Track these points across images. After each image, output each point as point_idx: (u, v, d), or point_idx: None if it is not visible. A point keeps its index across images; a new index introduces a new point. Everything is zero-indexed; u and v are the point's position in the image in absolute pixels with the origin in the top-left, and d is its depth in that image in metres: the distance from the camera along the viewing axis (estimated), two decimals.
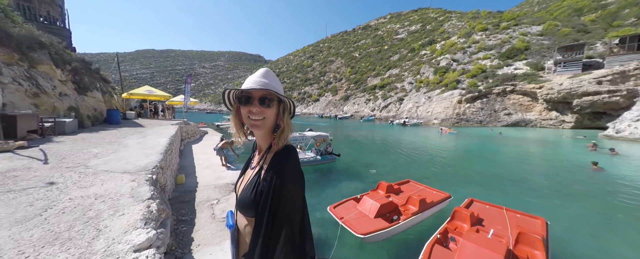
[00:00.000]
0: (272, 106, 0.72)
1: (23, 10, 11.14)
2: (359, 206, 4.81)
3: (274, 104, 0.72)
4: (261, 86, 0.69)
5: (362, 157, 13.27)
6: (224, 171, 7.73)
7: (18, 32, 7.44)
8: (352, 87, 69.61)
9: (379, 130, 27.95)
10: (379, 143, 18.17)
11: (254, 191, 0.70)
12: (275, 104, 0.73)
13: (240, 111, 0.75)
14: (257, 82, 0.69)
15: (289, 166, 0.70)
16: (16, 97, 6.51)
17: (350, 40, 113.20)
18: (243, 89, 0.70)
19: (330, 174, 10.03)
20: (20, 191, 2.67)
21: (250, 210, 0.70)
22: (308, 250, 0.69)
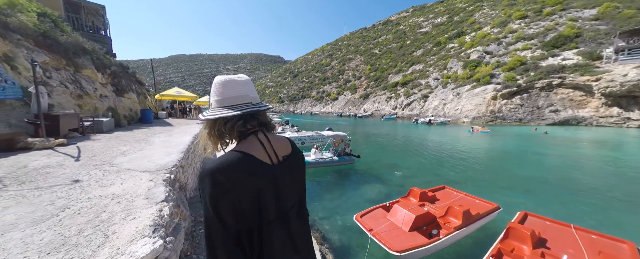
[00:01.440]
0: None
1: (72, 21, 12.46)
2: (390, 216, 4.28)
3: None
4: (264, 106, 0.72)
5: (385, 158, 12.49)
6: None
7: (66, 40, 8.33)
8: (372, 85, 67.56)
9: (402, 129, 26.50)
10: (403, 143, 17.09)
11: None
12: None
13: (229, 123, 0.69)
14: (257, 99, 0.72)
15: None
16: (63, 99, 7.25)
17: (369, 37, 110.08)
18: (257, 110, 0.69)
19: (350, 176, 9.52)
20: (46, 189, 2.69)
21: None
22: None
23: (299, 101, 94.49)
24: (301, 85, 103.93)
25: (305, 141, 15.59)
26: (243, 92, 0.67)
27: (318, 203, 7.06)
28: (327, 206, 6.92)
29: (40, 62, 7.05)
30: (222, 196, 0.57)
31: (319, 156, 10.26)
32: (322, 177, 9.37)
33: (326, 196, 7.59)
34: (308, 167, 9.58)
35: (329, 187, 8.43)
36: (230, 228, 0.58)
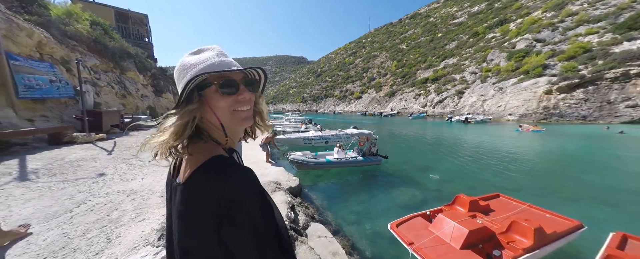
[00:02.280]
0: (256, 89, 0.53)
1: (121, 30, 13.92)
2: (434, 228, 3.55)
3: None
4: (242, 68, 0.48)
5: (416, 160, 11.33)
6: (267, 167, 7.53)
7: (113, 45, 9.25)
8: (398, 82, 64.15)
9: (434, 128, 24.30)
10: (436, 144, 15.49)
11: None
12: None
13: (210, 106, 0.47)
14: (233, 63, 0.48)
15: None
16: (109, 98, 8.01)
17: (396, 32, 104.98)
18: (227, 70, 0.45)
19: (378, 178, 8.72)
20: (72, 181, 2.66)
21: None
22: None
23: (322, 100, 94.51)
24: (324, 84, 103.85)
25: (329, 139, 15.11)
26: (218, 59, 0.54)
27: (343, 204, 6.50)
28: (354, 209, 6.31)
29: (91, 65, 7.90)
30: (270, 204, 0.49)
31: (342, 155, 9.62)
32: (346, 178, 8.76)
33: (351, 198, 6.99)
34: (330, 166, 9.01)
35: (355, 188, 7.79)
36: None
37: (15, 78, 4.49)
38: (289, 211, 4.21)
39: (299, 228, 4.02)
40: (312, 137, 14.36)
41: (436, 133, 20.32)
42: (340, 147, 9.94)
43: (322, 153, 10.16)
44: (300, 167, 8.59)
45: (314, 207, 6.01)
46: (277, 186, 5.64)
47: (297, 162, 8.66)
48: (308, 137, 14.43)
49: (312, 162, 8.79)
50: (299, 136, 14.50)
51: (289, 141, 14.27)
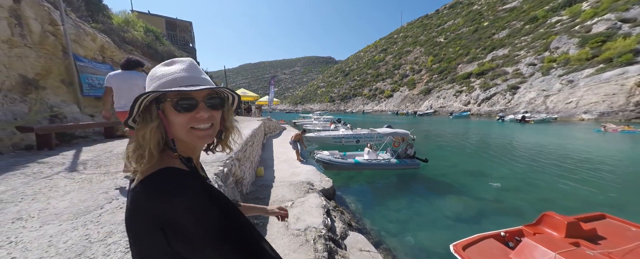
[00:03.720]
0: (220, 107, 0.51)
1: (170, 37, 15.45)
2: (517, 257, 2.66)
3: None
4: (207, 85, 0.47)
5: (464, 164, 9.80)
6: (298, 166, 7.25)
7: (162, 49, 10.26)
8: (435, 78, 58.89)
9: (482, 129, 21.25)
10: (486, 146, 13.34)
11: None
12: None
13: (166, 122, 0.46)
14: (199, 80, 0.48)
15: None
16: None
17: (432, 25, 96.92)
18: (184, 90, 0.44)
19: (418, 183, 7.68)
20: (112, 174, 2.61)
21: None
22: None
23: (350, 99, 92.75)
24: (352, 83, 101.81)
25: (361, 138, 14.28)
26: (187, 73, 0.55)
27: (380, 212, 5.79)
28: (395, 218, 5.54)
29: (144, 68, 8.86)
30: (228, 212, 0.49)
31: (372, 156, 8.73)
32: (380, 182, 7.93)
33: (389, 205, 6.20)
34: (358, 168, 8.25)
35: (392, 194, 6.95)
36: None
37: (81, 77, 4.99)
38: (325, 216, 3.74)
39: (337, 238, 3.51)
40: (343, 136, 13.76)
41: (485, 134, 17.66)
42: (371, 148, 9.15)
43: (350, 153, 9.50)
44: (327, 167, 8.07)
45: (349, 212, 5.44)
46: (309, 187, 5.25)
47: (323, 161, 8.20)
48: (338, 135, 13.88)
49: (339, 162, 8.21)
50: (329, 135, 14.05)
51: (318, 140, 13.93)
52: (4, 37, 3.58)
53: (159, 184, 0.40)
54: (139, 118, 0.45)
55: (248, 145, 5.18)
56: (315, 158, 8.49)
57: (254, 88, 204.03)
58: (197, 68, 0.49)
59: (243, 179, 4.33)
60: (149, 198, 0.39)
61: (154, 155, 0.43)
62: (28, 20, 4.02)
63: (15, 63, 3.76)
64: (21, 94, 3.77)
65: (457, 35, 71.84)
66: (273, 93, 19.30)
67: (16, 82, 3.73)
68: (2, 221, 1.63)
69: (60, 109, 4.26)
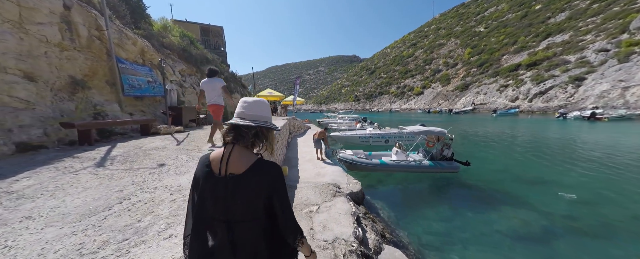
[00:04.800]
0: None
1: (204, 42, 16.52)
2: None
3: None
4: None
5: (518, 169, 8.22)
6: (323, 166, 6.84)
7: (196, 53, 10.90)
8: (473, 72, 53.05)
9: (536, 128, 18.11)
10: (547, 148, 11.14)
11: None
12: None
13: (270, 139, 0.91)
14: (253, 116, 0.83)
15: None
16: (192, 97, 9.32)
17: (469, 13, 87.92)
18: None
19: (460, 190, 6.58)
20: (134, 171, 2.52)
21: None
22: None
23: (376, 98, 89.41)
24: (378, 81, 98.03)
25: (390, 138, 13.26)
26: (239, 110, 0.82)
27: (417, 221, 5.05)
28: (432, 229, 4.76)
29: (179, 69, 9.50)
30: (192, 182, 0.81)
31: (401, 157, 7.74)
32: (411, 185, 7.04)
33: (427, 213, 5.39)
34: (385, 169, 7.45)
35: (425, 200, 6.08)
36: (191, 203, 0.81)
37: (122, 79, 5.33)
38: (355, 226, 3.24)
39: (370, 253, 2.98)
40: (370, 136, 12.92)
41: (542, 134, 14.93)
42: (399, 148, 8.24)
43: (376, 153, 8.69)
44: (350, 167, 7.41)
45: (381, 221, 4.81)
46: (336, 189, 4.78)
47: (346, 161, 7.60)
48: (365, 135, 13.09)
49: (363, 163, 7.48)
50: (355, 134, 13.34)
51: (343, 139, 13.34)
52: (55, 41, 3.89)
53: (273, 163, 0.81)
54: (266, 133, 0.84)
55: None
56: (337, 157, 7.98)
57: (280, 89, 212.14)
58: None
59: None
60: (274, 169, 0.79)
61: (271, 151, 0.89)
62: (77, 26, 4.35)
63: (65, 65, 4.07)
64: (70, 93, 4.07)
65: (500, 23, 63.72)
66: (297, 92, 19.34)
67: (66, 83, 4.04)
68: (11, 219, 1.52)
69: (103, 108, 4.54)
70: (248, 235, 0.72)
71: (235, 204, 0.72)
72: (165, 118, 6.06)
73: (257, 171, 0.74)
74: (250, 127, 0.76)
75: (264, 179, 0.74)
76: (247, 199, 0.73)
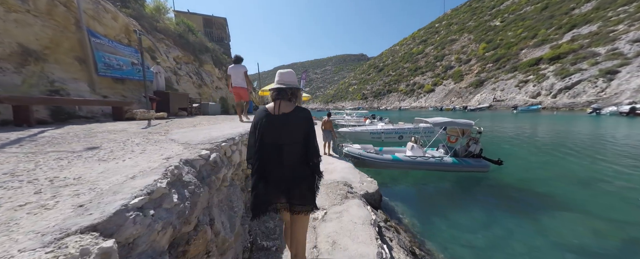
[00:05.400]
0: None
1: (207, 33, 15.85)
2: None
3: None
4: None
5: (561, 168, 6.89)
6: (332, 162, 5.86)
7: (194, 40, 10.18)
8: (489, 67, 50.37)
9: (568, 124, 16.30)
10: (591, 146, 9.64)
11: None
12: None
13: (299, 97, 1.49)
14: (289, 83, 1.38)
15: None
16: (187, 86, 8.55)
17: (483, 8, 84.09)
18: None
19: (490, 192, 5.43)
20: (41, 154, 1.65)
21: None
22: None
23: (384, 96, 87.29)
24: (387, 79, 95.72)
25: (405, 133, 12.06)
26: (278, 79, 1.33)
27: (440, 227, 4.03)
28: (468, 240, 3.71)
29: (174, 56, 8.81)
30: (253, 125, 1.32)
31: (418, 152, 6.64)
32: (430, 185, 5.94)
33: (455, 217, 4.36)
34: (399, 166, 6.41)
35: (452, 204, 4.99)
36: (255, 139, 1.29)
37: (96, 55, 4.56)
38: (378, 242, 2.25)
39: None
40: (382, 131, 11.80)
41: (577, 131, 13.25)
42: (415, 142, 7.10)
43: (388, 149, 7.60)
44: (358, 163, 6.38)
45: (405, 229, 3.80)
46: (348, 189, 3.79)
47: (353, 156, 6.55)
48: (376, 130, 11.97)
49: (373, 158, 6.39)
50: (366, 129, 12.25)
51: (353, 135, 12.28)
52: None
53: (303, 109, 1.32)
54: (296, 92, 1.36)
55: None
56: (343, 152, 6.97)
57: None
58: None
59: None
60: (307, 111, 1.31)
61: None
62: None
63: (12, 29, 3.28)
64: (17, 64, 3.28)
65: (518, 16, 60.30)
66: (303, 88, 18.41)
67: (12, 52, 3.25)
68: None
69: (64, 86, 3.74)
70: (291, 152, 1.23)
71: (285, 132, 1.24)
72: (148, 104, 5.27)
73: (299, 112, 1.27)
74: (288, 89, 1.31)
75: (302, 116, 1.27)
76: (292, 128, 1.25)
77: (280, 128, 1.22)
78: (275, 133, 1.22)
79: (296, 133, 1.23)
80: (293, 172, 1.22)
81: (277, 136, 1.22)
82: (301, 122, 1.24)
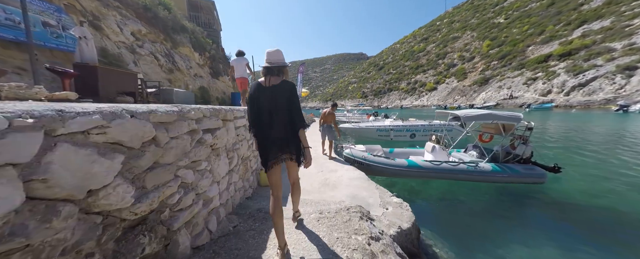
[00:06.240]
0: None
1: (193, 18, 13.98)
2: None
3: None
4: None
5: (625, 177, 5.15)
6: (333, 169, 4.13)
7: (165, 16, 8.35)
8: (494, 65, 48.76)
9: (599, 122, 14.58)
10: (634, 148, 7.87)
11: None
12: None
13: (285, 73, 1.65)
14: (275, 62, 1.52)
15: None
16: (150, 69, 6.72)
17: (486, 5, 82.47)
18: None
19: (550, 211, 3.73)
20: None
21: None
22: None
23: (385, 94, 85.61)
24: (387, 77, 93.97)
25: (417, 131, 10.32)
26: (267, 58, 1.48)
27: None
28: None
29: (132, 30, 6.96)
30: (250, 96, 1.48)
31: (442, 156, 5.11)
32: (466, 200, 4.28)
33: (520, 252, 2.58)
34: (418, 174, 4.72)
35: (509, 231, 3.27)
36: (252, 109, 1.48)
37: None
38: None
39: None
40: (391, 127, 10.07)
41: (624, 130, 11.49)
42: (436, 142, 5.39)
43: (400, 150, 5.89)
44: (362, 169, 4.69)
45: None
46: (369, 225, 2.09)
47: (356, 160, 4.87)
48: (384, 127, 10.23)
49: (382, 164, 4.70)
50: (372, 126, 10.48)
51: (357, 132, 10.53)
52: None
53: (290, 81, 1.49)
54: (282, 69, 1.51)
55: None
56: (343, 154, 5.28)
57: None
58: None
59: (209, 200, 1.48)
60: (291, 84, 1.48)
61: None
62: None
63: None
64: None
65: (523, 13, 58.69)
66: (301, 83, 16.63)
67: None
68: None
69: None
70: (281, 117, 1.44)
71: (276, 100, 1.43)
72: (54, 80, 3.46)
73: (284, 84, 1.44)
74: (275, 67, 1.46)
75: (287, 87, 1.44)
76: (279, 97, 1.43)
77: (270, 97, 1.43)
78: (266, 102, 1.43)
79: (282, 101, 1.43)
80: (283, 133, 1.45)
81: (268, 103, 1.43)
82: (286, 91, 1.43)
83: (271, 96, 1.41)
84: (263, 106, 1.43)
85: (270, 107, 1.42)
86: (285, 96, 1.41)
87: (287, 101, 1.41)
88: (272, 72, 1.44)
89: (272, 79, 1.43)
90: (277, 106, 1.41)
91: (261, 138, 1.48)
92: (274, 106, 1.41)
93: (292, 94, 1.42)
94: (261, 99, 1.42)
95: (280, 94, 1.40)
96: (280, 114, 1.41)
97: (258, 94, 1.43)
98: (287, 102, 1.41)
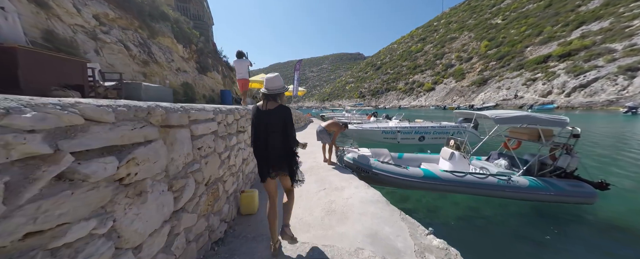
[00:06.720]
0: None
1: (181, 9, 12.84)
2: None
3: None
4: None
5: None
6: (341, 187, 3.19)
7: (141, 1, 7.26)
8: (492, 65, 48.57)
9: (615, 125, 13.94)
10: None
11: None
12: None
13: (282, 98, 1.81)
14: (274, 88, 1.68)
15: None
16: (117, 60, 5.60)
17: (483, 6, 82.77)
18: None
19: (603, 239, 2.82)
20: None
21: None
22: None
23: (382, 94, 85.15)
24: (385, 77, 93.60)
25: (428, 134, 9.43)
26: (266, 84, 1.65)
27: None
28: None
29: (96, 13, 5.92)
30: (251, 119, 1.70)
31: (463, 165, 4.28)
32: (496, 222, 3.39)
33: None
34: (434, 187, 3.81)
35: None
36: (252, 130, 1.69)
37: None
38: None
39: None
40: (399, 129, 9.15)
41: (627, 135, 10.75)
42: (456, 148, 4.50)
43: (411, 156, 4.98)
44: (365, 178, 3.79)
45: None
46: None
47: (361, 168, 4.00)
48: (390, 128, 9.32)
49: (393, 174, 3.76)
50: (377, 127, 9.52)
51: (359, 134, 9.60)
52: None
53: (286, 106, 1.68)
54: (280, 95, 1.69)
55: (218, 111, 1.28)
56: (344, 159, 4.34)
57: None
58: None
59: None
60: (287, 108, 1.65)
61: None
62: None
63: None
64: None
65: (520, 14, 58.82)
66: (298, 81, 15.60)
67: None
68: None
69: None
70: (276, 139, 1.61)
71: (271, 124, 1.60)
72: None
73: (279, 109, 1.62)
74: (271, 95, 1.63)
75: (282, 112, 1.61)
76: (276, 121, 1.60)
77: (266, 120, 1.61)
78: (263, 124, 1.62)
79: (277, 124, 1.60)
80: (276, 153, 1.62)
81: (264, 126, 1.61)
82: (281, 116, 1.60)
83: (267, 119, 1.61)
84: (260, 128, 1.63)
85: (266, 130, 1.61)
86: (281, 119, 1.61)
87: (282, 124, 1.61)
88: (269, 98, 1.64)
89: (269, 103, 1.63)
90: (273, 128, 1.61)
91: (258, 156, 1.67)
92: (270, 129, 1.61)
93: (287, 118, 1.63)
94: (259, 121, 1.64)
95: (276, 118, 1.61)
96: (275, 136, 1.61)
97: (256, 117, 1.65)
98: (282, 125, 1.61)
